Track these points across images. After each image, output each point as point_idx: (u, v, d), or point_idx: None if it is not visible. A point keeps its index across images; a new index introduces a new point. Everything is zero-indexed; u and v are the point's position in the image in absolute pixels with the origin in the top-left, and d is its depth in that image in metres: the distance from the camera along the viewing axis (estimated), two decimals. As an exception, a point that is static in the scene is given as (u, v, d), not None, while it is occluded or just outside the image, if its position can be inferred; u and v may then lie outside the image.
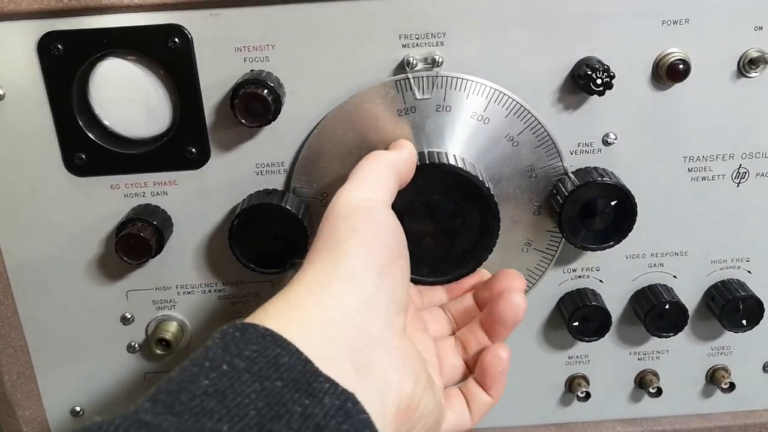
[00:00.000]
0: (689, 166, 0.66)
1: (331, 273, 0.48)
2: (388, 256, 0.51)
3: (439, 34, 0.60)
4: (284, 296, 0.48)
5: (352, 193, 0.55)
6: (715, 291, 0.71)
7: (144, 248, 0.62)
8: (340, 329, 0.46)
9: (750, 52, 0.61)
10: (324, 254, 0.50)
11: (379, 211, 0.54)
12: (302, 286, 0.48)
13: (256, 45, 0.60)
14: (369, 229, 0.52)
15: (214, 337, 0.43)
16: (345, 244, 0.50)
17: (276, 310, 0.46)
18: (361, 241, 0.50)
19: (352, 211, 0.53)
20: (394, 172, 0.58)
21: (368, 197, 0.55)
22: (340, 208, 0.53)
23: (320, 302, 0.46)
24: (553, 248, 0.68)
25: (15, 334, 0.69)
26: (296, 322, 0.45)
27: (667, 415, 0.78)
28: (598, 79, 0.59)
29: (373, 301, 0.48)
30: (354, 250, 0.50)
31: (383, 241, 0.52)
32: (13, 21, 0.58)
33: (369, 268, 0.49)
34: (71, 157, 0.63)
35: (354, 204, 0.54)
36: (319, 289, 0.47)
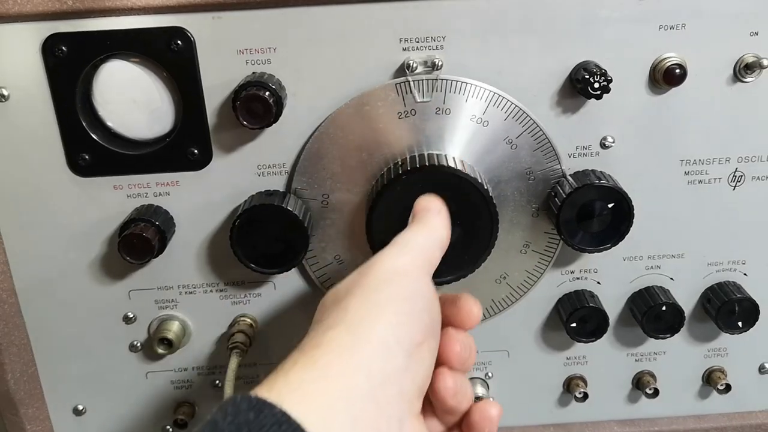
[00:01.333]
0: (686, 170, 0.66)
1: (363, 340, 0.45)
2: (423, 333, 0.48)
3: (439, 38, 0.61)
4: (309, 359, 0.44)
5: (397, 258, 0.51)
6: (711, 293, 0.71)
7: (146, 248, 0.63)
8: (365, 408, 0.42)
9: (746, 57, 0.62)
10: (356, 315, 0.46)
11: (421, 285, 0.50)
12: (329, 351, 0.44)
13: (258, 48, 0.60)
14: (409, 300, 0.48)
15: (226, 411, 0.39)
16: (382, 310, 0.46)
17: (299, 377, 0.42)
18: (399, 311, 0.47)
19: (394, 275, 0.49)
20: (441, 246, 0.55)
21: (413, 266, 0.51)
22: (381, 269, 0.50)
23: (348, 372, 0.43)
24: (552, 250, 0.69)
25: (18, 332, 0.70)
26: (321, 397, 0.41)
27: (664, 416, 0.78)
28: (595, 83, 0.59)
29: (399, 379, 0.45)
30: (390, 319, 0.46)
31: (420, 317, 0.48)
32: (18, 23, 0.59)
33: (402, 343, 0.46)
34: (75, 158, 0.64)
35: (398, 269, 0.50)
36: (347, 355, 0.44)
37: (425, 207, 0.57)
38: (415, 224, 0.56)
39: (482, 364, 0.75)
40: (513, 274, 0.70)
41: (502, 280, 0.70)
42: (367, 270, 0.50)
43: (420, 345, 0.47)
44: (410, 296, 0.48)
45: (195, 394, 0.76)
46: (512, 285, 0.70)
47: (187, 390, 0.76)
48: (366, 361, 0.44)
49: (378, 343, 0.45)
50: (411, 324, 0.47)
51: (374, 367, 0.44)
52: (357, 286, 0.49)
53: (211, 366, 0.74)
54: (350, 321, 0.46)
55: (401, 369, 0.45)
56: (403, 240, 0.53)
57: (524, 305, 0.72)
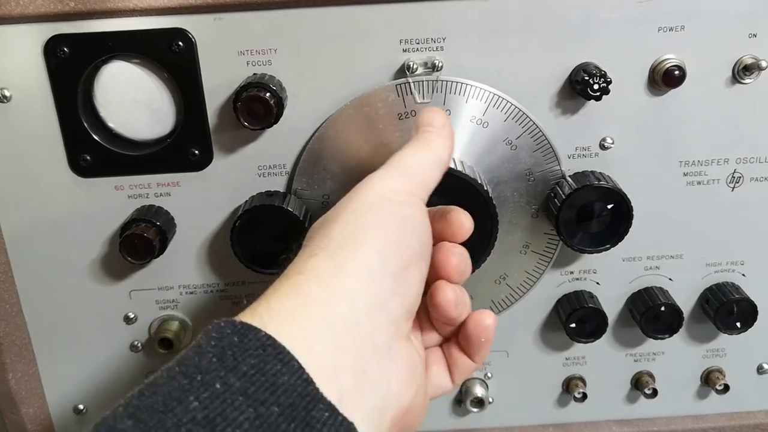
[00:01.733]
0: (685, 171, 0.67)
1: (344, 266, 0.44)
2: (409, 257, 0.46)
3: (439, 39, 0.61)
4: (290, 286, 0.43)
5: (386, 181, 0.49)
6: (709, 294, 0.72)
7: (147, 248, 0.63)
8: (348, 333, 0.42)
9: (744, 59, 0.62)
10: (339, 241, 0.45)
11: (412, 208, 0.48)
12: (310, 278, 0.43)
13: (258, 49, 0.61)
14: (394, 225, 0.47)
15: (210, 335, 0.39)
16: (364, 236, 0.45)
17: (282, 304, 0.42)
18: (383, 237, 0.46)
19: (380, 200, 0.48)
20: (441, 169, 0.52)
21: (403, 190, 0.49)
22: (368, 193, 0.48)
23: (330, 300, 0.42)
24: (551, 251, 0.69)
25: (19, 332, 0.70)
26: (304, 324, 0.41)
27: (663, 416, 0.79)
28: (595, 85, 0.60)
29: (385, 304, 0.44)
30: (373, 245, 0.45)
31: (407, 242, 0.47)
32: (20, 24, 0.59)
33: (386, 268, 0.45)
34: (76, 158, 0.64)
35: (385, 194, 0.48)
36: (330, 284, 0.43)
37: (427, 121, 0.54)
38: (414, 141, 0.53)
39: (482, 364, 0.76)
40: (512, 275, 0.70)
41: (501, 280, 0.70)
42: (355, 194, 0.48)
43: (407, 268, 0.46)
44: (397, 222, 0.47)
45: (195, 394, 0.76)
46: (512, 285, 0.70)
47: (188, 390, 0.76)
48: (347, 287, 0.43)
49: (362, 270, 0.44)
50: (397, 249, 0.46)
51: (357, 294, 0.43)
52: (343, 211, 0.47)
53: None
54: (332, 247, 0.45)
55: (387, 294, 0.44)
56: (398, 161, 0.51)
57: (524, 306, 0.72)
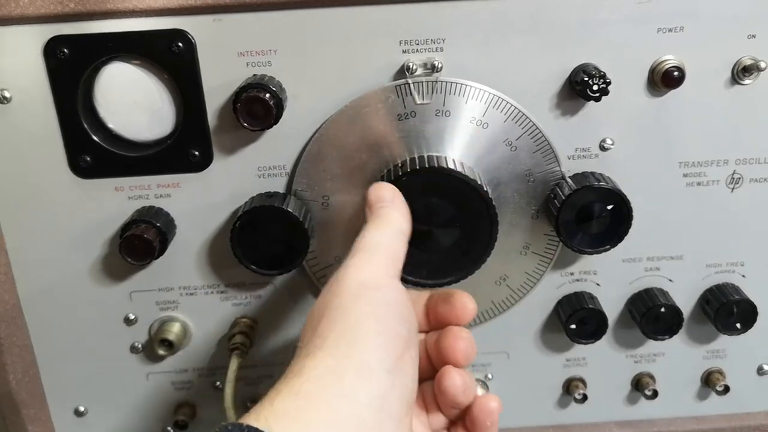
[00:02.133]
0: (684, 172, 0.67)
1: (343, 365, 0.44)
2: (401, 345, 0.47)
3: (438, 40, 0.61)
4: (291, 388, 0.43)
5: (361, 271, 0.50)
6: (709, 294, 0.72)
7: (147, 249, 0.63)
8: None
9: (743, 60, 0.62)
10: (333, 340, 0.45)
11: (393, 291, 0.49)
12: (311, 380, 0.43)
13: (258, 50, 0.61)
14: (382, 315, 0.47)
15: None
16: (357, 332, 0.45)
17: (285, 406, 0.42)
18: (376, 330, 0.46)
19: (363, 290, 0.48)
20: (403, 238, 0.54)
21: (380, 274, 0.50)
22: (349, 284, 0.48)
23: (332, 402, 0.42)
24: (551, 252, 0.69)
25: (20, 333, 0.70)
26: (310, 426, 0.41)
27: (663, 417, 0.79)
28: (594, 85, 0.60)
29: (386, 400, 0.44)
30: (368, 340, 0.45)
31: (396, 330, 0.47)
32: (20, 25, 0.59)
33: (383, 362, 0.45)
34: (76, 160, 0.64)
35: (365, 282, 0.49)
36: (330, 384, 0.43)
37: (378, 197, 0.56)
38: (373, 221, 0.55)
39: (482, 365, 0.76)
40: (513, 276, 0.70)
41: (501, 281, 0.70)
42: (337, 288, 0.49)
43: (401, 358, 0.46)
44: (384, 311, 0.47)
45: (195, 395, 0.76)
46: (512, 287, 0.70)
47: (188, 391, 0.76)
48: (350, 388, 0.43)
49: (361, 367, 0.44)
50: (389, 341, 0.46)
51: (359, 393, 0.43)
52: (328, 307, 0.48)
53: (212, 367, 0.74)
54: (327, 346, 0.45)
55: (387, 390, 0.44)
56: (364, 244, 0.52)
57: (524, 307, 0.72)
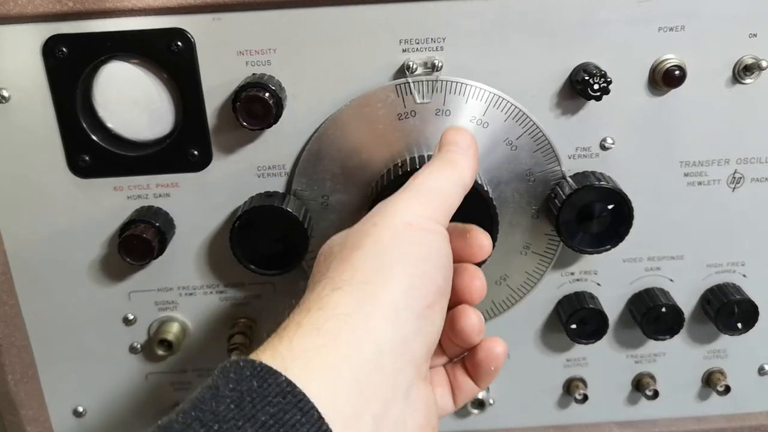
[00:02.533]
0: (685, 171, 0.67)
1: (371, 304, 0.42)
2: (434, 294, 0.45)
3: (438, 39, 0.61)
4: (314, 324, 0.41)
5: (410, 209, 0.47)
6: (710, 294, 0.71)
7: (146, 249, 0.63)
8: (371, 376, 0.40)
9: (745, 59, 0.62)
10: (365, 275, 0.43)
11: (438, 237, 0.47)
12: (336, 315, 0.41)
13: (257, 49, 0.61)
14: (422, 258, 0.45)
15: (228, 376, 0.38)
16: (392, 271, 0.43)
17: (305, 344, 0.40)
18: (412, 272, 0.44)
19: (407, 229, 0.45)
20: (462, 191, 0.50)
21: (429, 216, 0.47)
22: (395, 220, 0.46)
23: (355, 339, 0.41)
24: (552, 251, 0.69)
25: (18, 334, 0.70)
26: (328, 366, 0.39)
27: (664, 418, 0.78)
28: (595, 85, 0.60)
29: (408, 345, 0.43)
30: (402, 281, 0.43)
31: (433, 277, 0.45)
32: (19, 24, 0.59)
33: (413, 307, 0.43)
34: (75, 159, 0.64)
35: (412, 220, 0.46)
36: (356, 323, 0.41)
37: (452, 140, 0.52)
38: (437, 161, 0.51)
39: (482, 365, 0.75)
40: (513, 276, 0.70)
41: (502, 281, 0.70)
42: (380, 219, 0.46)
43: (431, 306, 0.45)
44: (425, 254, 0.45)
45: (195, 396, 0.76)
46: (512, 287, 0.70)
47: (187, 391, 0.75)
48: (374, 328, 0.41)
49: (388, 309, 0.42)
50: (424, 287, 0.44)
51: (383, 334, 0.42)
52: (367, 238, 0.45)
53: (211, 367, 0.73)
54: (357, 281, 0.43)
55: (411, 334, 0.43)
56: (421, 183, 0.49)
57: (524, 307, 0.72)
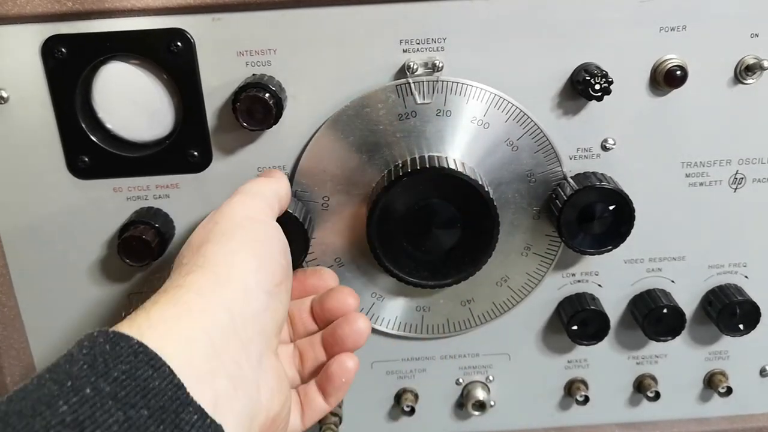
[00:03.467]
0: (687, 172, 0.66)
1: (223, 281, 0.47)
2: (280, 274, 0.51)
3: (439, 40, 0.61)
4: (170, 298, 0.45)
5: (247, 204, 0.54)
6: (712, 295, 0.71)
7: (146, 251, 0.63)
8: (226, 341, 0.44)
9: (746, 59, 0.62)
10: (214, 259, 0.48)
11: (273, 228, 0.54)
12: (190, 290, 0.46)
13: (257, 49, 0.60)
14: (265, 243, 0.51)
15: (82, 344, 0.40)
16: (240, 255, 0.49)
17: (161, 314, 0.43)
18: (256, 254, 0.50)
19: (247, 221, 0.52)
20: (277, 196, 0.58)
21: (264, 211, 0.55)
22: (235, 215, 0.52)
23: (209, 308, 0.45)
24: (553, 252, 0.69)
25: (18, 336, 0.70)
26: (181, 331, 0.42)
27: (665, 419, 0.78)
28: (596, 85, 0.59)
29: (259, 318, 0.48)
30: (249, 262, 0.49)
31: (277, 259, 0.51)
32: (18, 24, 0.59)
33: (261, 284, 0.49)
34: (74, 160, 0.63)
35: (249, 214, 0.53)
36: (209, 294, 0.46)
37: (268, 172, 0.63)
38: (261, 177, 0.61)
39: (483, 367, 0.75)
40: (514, 277, 0.70)
41: (503, 282, 0.70)
42: (220, 218, 0.52)
43: (278, 285, 0.50)
44: (265, 239, 0.52)
45: (194, 398, 0.76)
46: (513, 288, 0.70)
47: (187, 393, 0.75)
48: (227, 300, 0.46)
49: (238, 284, 0.47)
50: (269, 266, 0.50)
51: (235, 306, 0.46)
52: (212, 233, 0.51)
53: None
54: (210, 264, 0.48)
55: (262, 309, 0.48)
56: (250, 188, 0.57)
57: (525, 308, 0.72)
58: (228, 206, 0.54)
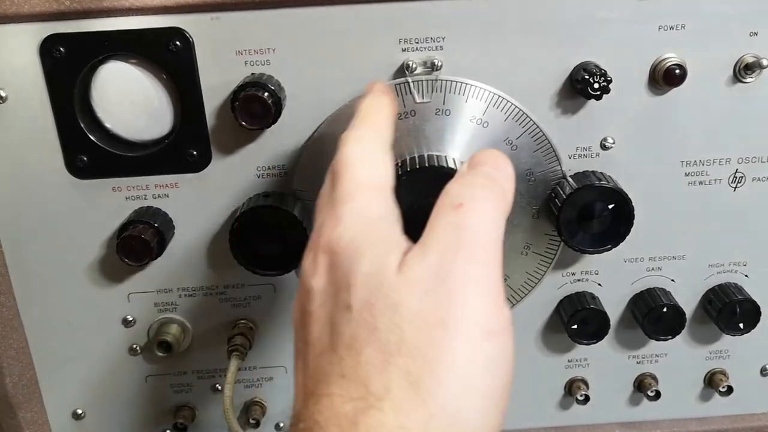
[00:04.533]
0: (686, 171, 0.66)
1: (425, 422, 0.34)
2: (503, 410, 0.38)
3: (438, 39, 0.61)
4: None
5: (485, 288, 0.39)
6: (712, 294, 0.71)
7: (145, 250, 0.63)
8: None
9: (745, 58, 0.62)
10: (400, 384, 0.35)
11: (509, 340, 0.40)
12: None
13: (256, 48, 0.60)
14: (498, 393, 0.37)
15: None
16: (427, 361, 0.34)
17: None
18: (491, 403, 0.37)
19: (488, 343, 0.37)
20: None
21: (502, 300, 0.38)
22: (473, 328, 0.37)
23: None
24: (552, 251, 0.69)
25: (17, 336, 0.70)
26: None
27: (666, 419, 0.78)
28: (595, 84, 0.59)
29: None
30: (447, 373, 0.35)
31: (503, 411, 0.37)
32: (16, 23, 0.59)
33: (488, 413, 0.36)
34: (73, 160, 0.63)
35: (492, 326, 0.38)
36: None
37: (482, 161, 0.46)
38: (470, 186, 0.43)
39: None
40: (514, 276, 0.69)
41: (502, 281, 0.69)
42: (450, 319, 0.37)
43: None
44: (503, 386, 0.38)
45: (194, 398, 0.76)
46: (513, 287, 0.70)
47: (187, 393, 0.75)
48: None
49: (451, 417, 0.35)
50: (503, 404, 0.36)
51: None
52: (441, 350, 0.36)
53: (211, 369, 0.74)
54: (394, 399, 0.35)
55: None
56: (474, 234, 0.40)
57: (525, 307, 0.71)
58: (460, 286, 0.37)
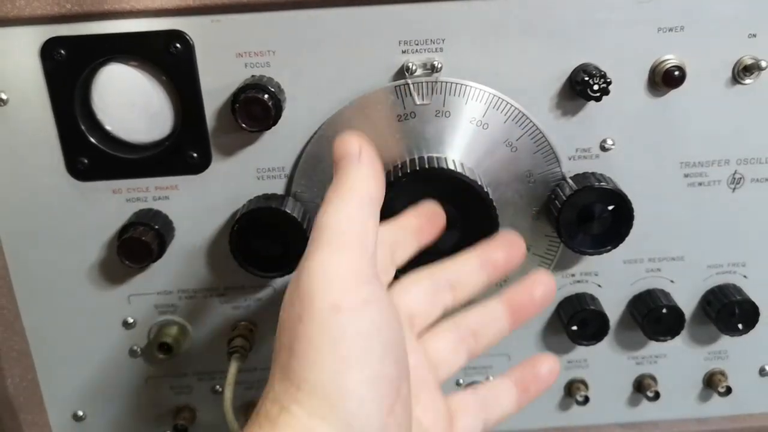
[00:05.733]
0: (685, 172, 0.66)
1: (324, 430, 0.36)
2: (391, 392, 0.38)
3: (438, 40, 0.61)
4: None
5: (328, 271, 0.39)
6: (711, 295, 0.71)
7: (145, 252, 0.63)
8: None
9: (744, 59, 0.62)
10: (310, 392, 0.37)
11: (371, 312, 0.39)
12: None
13: (257, 51, 0.60)
14: (364, 356, 0.37)
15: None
16: (337, 384, 0.37)
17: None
18: (359, 379, 0.37)
19: (334, 317, 0.38)
20: (376, 212, 0.44)
21: (353, 285, 0.39)
22: (320, 307, 0.38)
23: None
24: (552, 253, 0.69)
25: (18, 338, 0.70)
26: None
27: (665, 419, 0.78)
28: (595, 85, 0.59)
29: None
30: (351, 396, 0.37)
31: (384, 373, 0.38)
32: (17, 26, 0.59)
33: (371, 419, 0.37)
34: (73, 162, 0.63)
35: (338, 302, 0.38)
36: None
37: (339, 154, 0.45)
38: (333, 189, 0.43)
39: (483, 368, 0.75)
40: (513, 278, 0.69)
41: (502, 283, 0.70)
42: (302, 308, 0.38)
43: (391, 409, 0.38)
44: (365, 349, 0.38)
45: (195, 399, 0.76)
46: (512, 288, 0.70)
47: (187, 395, 0.75)
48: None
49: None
50: (377, 390, 0.38)
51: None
52: (297, 338, 0.38)
53: (211, 371, 0.74)
54: (303, 401, 0.37)
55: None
56: (325, 228, 0.41)
57: (524, 308, 0.71)
58: (306, 278, 0.39)
